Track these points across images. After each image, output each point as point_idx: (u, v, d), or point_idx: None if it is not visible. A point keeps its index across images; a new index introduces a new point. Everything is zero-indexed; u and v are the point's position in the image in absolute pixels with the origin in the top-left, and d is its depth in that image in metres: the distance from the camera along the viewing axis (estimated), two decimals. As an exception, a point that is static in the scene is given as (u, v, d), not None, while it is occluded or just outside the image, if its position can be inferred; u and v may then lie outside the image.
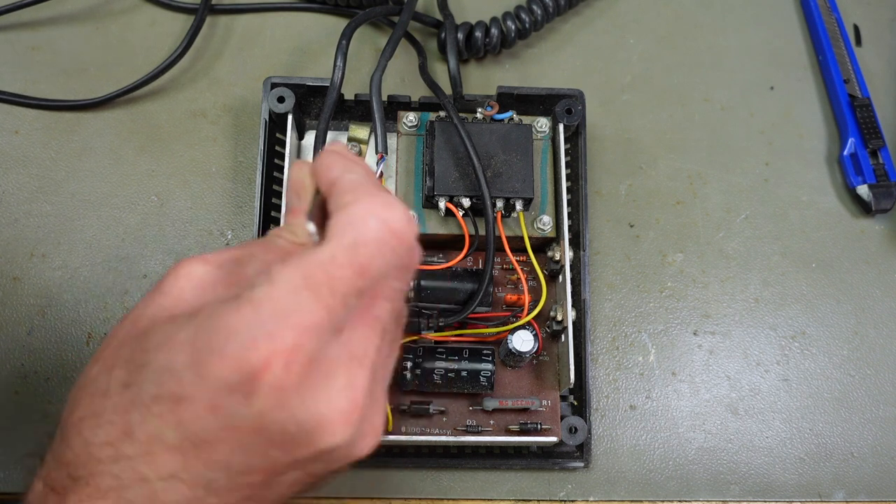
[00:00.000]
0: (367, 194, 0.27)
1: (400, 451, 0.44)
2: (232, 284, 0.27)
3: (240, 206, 0.49)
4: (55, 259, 0.47)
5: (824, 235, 0.52)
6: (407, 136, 0.46)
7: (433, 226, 0.45)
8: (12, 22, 0.52)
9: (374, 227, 0.26)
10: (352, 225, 0.26)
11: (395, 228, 0.26)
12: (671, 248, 0.51)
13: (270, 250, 0.28)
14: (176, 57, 0.50)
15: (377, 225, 0.26)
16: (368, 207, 0.26)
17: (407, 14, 0.49)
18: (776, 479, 0.47)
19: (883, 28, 0.58)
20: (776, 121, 0.54)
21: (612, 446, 0.47)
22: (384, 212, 0.26)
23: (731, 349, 0.49)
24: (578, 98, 0.48)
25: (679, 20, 0.57)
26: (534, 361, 0.45)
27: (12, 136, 0.50)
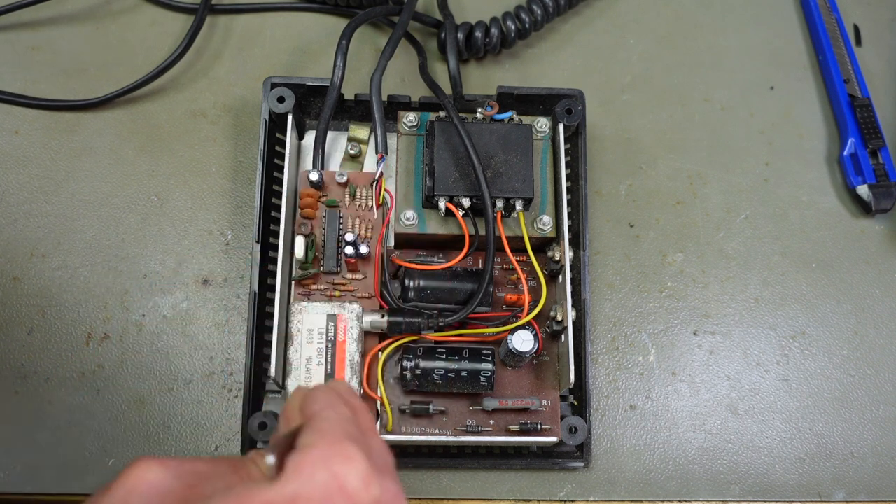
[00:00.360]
0: (330, 442, 0.25)
1: (400, 451, 0.44)
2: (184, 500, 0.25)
3: (240, 206, 0.49)
4: (55, 259, 0.47)
5: (824, 235, 0.52)
6: (407, 136, 0.46)
7: (433, 226, 0.45)
8: (12, 22, 0.52)
9: (321, 482, 0.24)
10: (298, 473, 0.24)
11: (347, 486, 0.24)
12: (671, 248, 0.51)
13: (237, 474, 0.27)
14: (176, 57, 0.50)
15: (325, 479, 0.24)
16: (323, 456, 0.24)
17: (407, 14, 0.49)
18: (776, 479, 0.47)
19: (883, 28, 0.58)
20: (776, 121, 0.54)
21: (612, 446, 0.47)
22: (340, 465, 0.24)
23: (731, 349, 0.49)
24: (578, 98, 0.48)
25: (679, 20, 0.57)
26: (534, 361, 0.45)
27: (12, 136, 0.50)
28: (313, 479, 0.24)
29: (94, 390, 0.45)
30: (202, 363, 0.46)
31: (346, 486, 0.24)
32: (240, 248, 0.48)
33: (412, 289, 0.44)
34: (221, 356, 0.46)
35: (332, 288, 0.44)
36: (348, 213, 0.45)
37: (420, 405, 0.43)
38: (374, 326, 0.42)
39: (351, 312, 0.42)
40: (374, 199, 0.45)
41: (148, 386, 0.45)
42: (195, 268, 0.48)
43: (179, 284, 0.48)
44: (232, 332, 0.47)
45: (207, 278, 0.48)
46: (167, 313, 0.47)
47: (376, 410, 0.42)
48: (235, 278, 0.48)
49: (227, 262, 0.48)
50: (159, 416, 0.45)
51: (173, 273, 0.48)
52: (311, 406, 0.28)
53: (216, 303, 0.47)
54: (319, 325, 0.41)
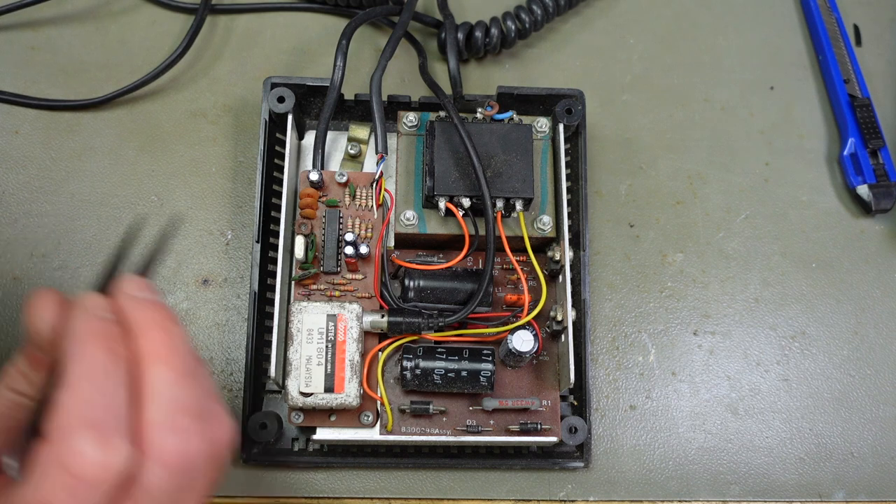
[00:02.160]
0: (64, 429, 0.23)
1: (400, 451, 0.44)
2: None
3: (240, 206, 0.49)
4: (55, 259, 0.47)
5: (824, 235, 0.52)
6: (407, 136, 0.46)
7: (433, 226, 0.45)
8: (12, 22, 0.52)
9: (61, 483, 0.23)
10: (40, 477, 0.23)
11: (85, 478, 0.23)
12: (671, 248, 0.51)
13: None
14: (176, 57, 0.50)
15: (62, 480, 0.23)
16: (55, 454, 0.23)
17: (407, 14, 0.49)
18: (776, 479, 0.47)
19: (883, 28, 0.58)
20: (776, 121, 0.54)
21: (612, 446, 0.47)
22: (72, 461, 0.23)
23: (731, 349, 0.49)
24: (578, 98, 0.48)
25: (679, 20, 0.57)
26: (534, 361, 0.45)
27: (12, 136, 0.50)
28: (52, 483, 0.23)
29: (94, 390, 0.45)
30: (202, 363, 0.46)
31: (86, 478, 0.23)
32: (240, 248, 0.48)
33: (412, 289, 0.44)
34: (221, 356, 0.46)
35: (332, 288, 0.44)
36: (348, 213, 0.45)
37: (420, 405, 0.43)
38: (374, 326, 0.42)
39: (351, 312, 0.42)
40: (374, 199, 0.45)
41: (148, 386, 0.45)
42: (195, 268, 0.48)
43: (179, 284, 0.48)
44: (232, 332, 0.47)
45: (207, 278, 0.48)
46: (167, 313, 0.47)
47: (376, 410, 0.42)
48: (235, 278, 0.48)
49: (227, 262, 0.48)
50: (159, 416, 0.45)
51: (173, 273, 0.48)
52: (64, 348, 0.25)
53: (216, 303, 0.47)
54: (319, 325, 0.41)
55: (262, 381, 0.45)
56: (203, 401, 0.26)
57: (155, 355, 0.25)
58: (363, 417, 0.42)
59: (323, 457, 0.44)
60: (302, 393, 0.40)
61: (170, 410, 0.25)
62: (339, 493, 0.45)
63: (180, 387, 0.25)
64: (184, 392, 0.25)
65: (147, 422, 0.24)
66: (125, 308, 0.26)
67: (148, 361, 0.25)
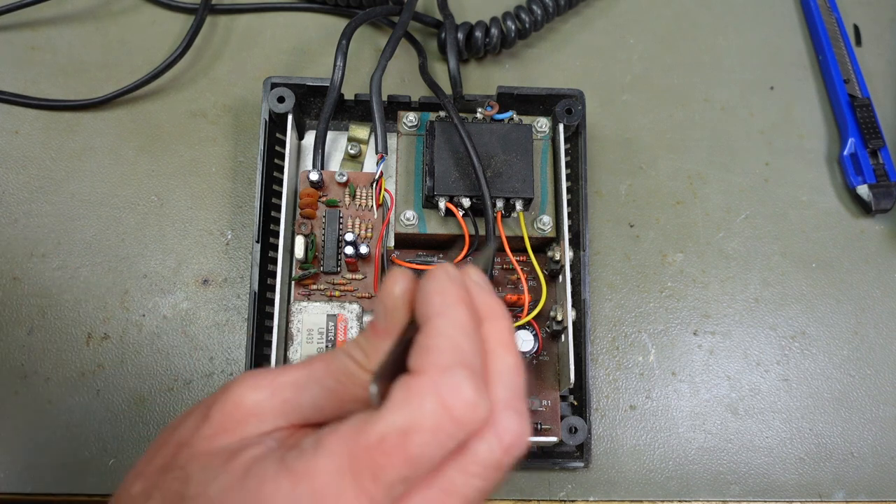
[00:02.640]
0: (440, 367, 0.24)
1: (400, 451, 0.44)
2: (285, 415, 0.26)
3: (240, 206, 0.49)
4: (55, 259, 0.47)
5: (824, 235, 0.52)
6: (407, 136, 0.46)
7: (433, 226, 0.45)
8: (12, 22, 0.52)
9: (431, 412, 0.23)
10: (409, 403, 0.23)
11: (456, 413, 0.23)
12: (671, 248, 0.51)
13: (333, 375, 0.26)
14: (176, 57, 0.50)
15: (434, 409, 0.23)
16: (433, 387, 0.23)
17: (407, 14, 0.49)
18: (776, 479, 0.47)
19: (883, 28, 0.58)
20: (776, 121, 0.54)
21: (612, 446, 0.47)
22: (448, 394, 0.23)
23: (731, 349, 0.49)
24: (578, 98, 0.48)
25: (679, 20, 0.57)
26: (534, 361, 0.45)
27: (12, 136, 0.50)
28: (424, 410, 0.23)
29: (94, 390, 0.45)
30: (202, 363, 0.46)
31: (455, 415, 0.23)
32: (240, 248, 0.48)
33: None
34: (221, 356, 0.46)
35: (332, 288, 0.44)
36: (348, 213, 0.45)
37: (420, 405, 0.42)
38: (374, 326, 0.42)
39: (351, 312, 0.42)
40: (374, 199, 0.45)
41: (148, 386, 0.45)
42: (195, 268, 0.48)
43: (179, 284, 0.48)
44: (232, 332, 0.47)
45: (207, 278, 0.48)
46: (167, 313, 0.47)
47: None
48: (235, 278, 0.48)
49: (227, 262, 0.48)
50: (159, 416, 0.45)
51: (173, 273, 0.48)
52: (425, 306, 0.25)
53: (216, 303, 0.47)
54: (319, 325, 0.41)
55: (262, 381, 0.45)
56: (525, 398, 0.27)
57: (504, 342, 0.26)
58: (363, 417, 0.42)
59: (323, 457, 0.44)
60: (302, 393, 0.40)
61: (513, 394, 0.26)
62: (339, 493, 0.45)
63: (520, 377, 0.26)
64: (521, 382, 0.26)
65: (494, 397, 0.25)
66: (473, 292, 0.27)
67: (496, 344, 0.26)
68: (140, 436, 0.44)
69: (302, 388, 0.26)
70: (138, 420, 0.45)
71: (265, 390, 0.26)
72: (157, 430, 0.45)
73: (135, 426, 0.45)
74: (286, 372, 0.27)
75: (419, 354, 0.24)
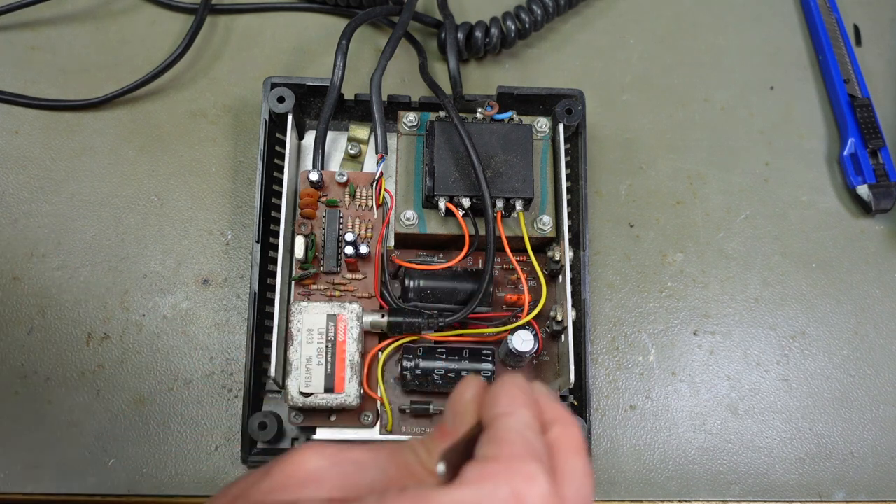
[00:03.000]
0: (514, 456, 0.24)
1: (400, 451, 0.44)
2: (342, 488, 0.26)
3: (240, 206, 0.49)
4: (55, 259, 0.47)
5: (824, 235, 0.52)
6: (407, 136, 0.46)
7: (433, 226, 0.45)
8: (12, 22, 0.52)
9: (503, 497, 0.23)
10: (482, 484, 0.23)
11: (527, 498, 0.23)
12: (671, 248, 0.51)
13: (395, 464, 0.27)
14: (176, 57, 0.50)
15: (506, 495, 0.23)
16: (507, 473, 0.24)
17: (407, 14, 0.49)
18: (776, 479, 0.47)
19: (883, 28, 0.58)
20: (776, 121, 0.54)
21: (612, 446, 0.47)
22: (522, 484, 0.23)
23: (731, 349, 0.49)
24: (578, 98, 0.48)
25: (679, 20, 0.57)
26: (534, 361, 0.45)
27: (12, 136, 0.50)
28: (494, 493, 0.23)
29: (94, 390, 0.45)
30: (202, 363, 0.46)
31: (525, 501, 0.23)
32: (240, 248, 0.48)
33: (412, 289, 0.44)
34: (221, 356, 0.46)
35: (332, 288, 0.44)
36: (348, 213, 0.45)
37: (420, 405, 0.43)
38: (374, 326, 0.42)
39: (351, 312, 0.42)
40: (374, 199, 0.45)
41: (148, 386, 0.45)
42: (195, 268, 0.48)
43: (179, 284, 0.48)
44: (232, 332, 0.47)
45: (207, 278, 0.48)
46: (167, 313, 0.47)
47: (376, 410, 0.42)
48: (235, 278, 0.48)
49: (227, 262, 0.48)
50: (159, 416, 0.45)
51: (173, 273, 0.48)
52: (492, 408, 0.26)
53: (216, 303, 0.47)
54: (319, 325, 0.41)
55: (262, 381, 0.45)
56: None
57: (574, 447, 0.27)
58: (363, 417, 0.42)
59: (323, 457, 0.44)
60: (302, 393, 0.40)
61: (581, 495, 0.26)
62: (339, 493, 0.45)
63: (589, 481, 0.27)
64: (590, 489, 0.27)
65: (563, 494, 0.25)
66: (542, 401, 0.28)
67: (567, 447, 0.27)
68: (140, 436, 0.44)
69: (364, 467, 0.27)
70: (138, 420, 0.45)
71: (329, 460, 0.27)
72: (156, 430, 0.45)
73: (135, 426, 0.45)
74: (352, 449, 0.27)
75: (490, 444, 0.25)
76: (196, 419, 0.45)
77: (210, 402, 0.46)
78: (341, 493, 0.26)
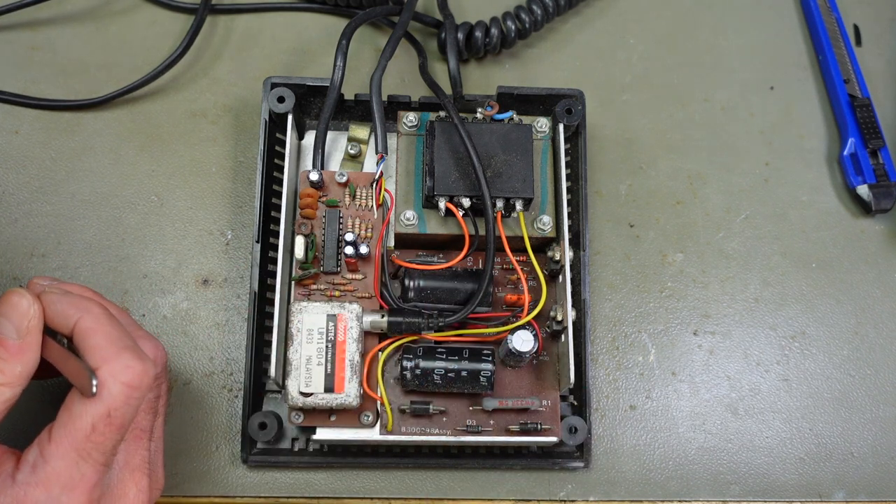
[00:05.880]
0: (107, 358, 0.32)
1: (400, 451, 0.44)
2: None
3: (240, 206, 0.49)
4: (55, 259, 0.47)
5: (824, 235, 0.52)
6: (407, 136, 0.46)
7: (433, 226, 0.45)
8: (12, 22, 0.52)
9: (119, 392, 0.32)
10: (98, 395, 0.32)
11: (136, 384, 0.32)
12: (671, 248, 0.51)
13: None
14: (176, 57, 0.50)
15: (120, 389, 0.32)
16: (111, 372, 0.32)
17: (407, 14, 0.49)
18: (776, 479, 0.47)
19: (883, 28, 0.58)
20: (776, 121, 0.54)
21: (612, 446, 0.47)
22: (123, 374, 0.32)
23: (731, 349, 0.49)
24: (578, 98, 0.48)
25: (679, 20, 0.57)
26: (534, 361, 0.45)
27: (12, 136, 0.50)
28: (113, 394, 0.32)
29: (94, 390, 0.45)
30: (202, 363, 0.46)
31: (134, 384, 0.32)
32: (240, 248, 0.48)
33: (412, 289, 0.44)
34: (221, 356, 0.46)
35: (332, 288, 0.44)
36: (348, 213, 0.45)
37: (420, 405, 0.43)
38: (374, 326, 0.42)
39: (351, 312, 0.42)
40: (374, 199, 0.45)
41: (148, 386, 0.45)
42: (195, 268, 0.48)
43: (179, 284, 0.48)
44: (232, 332, 0.47)
45: (207, 278, 0.48)
46: (167, 313, 0.47)
47: (376, 410, 0.42)
48: (235, 278, 0.48)
49: (227, 262, 0.48)
50: (159, 416, 0.45)
51: (173, 273, 0.48)
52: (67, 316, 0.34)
53: (216, 303, 0.47)
54: (319, 325, 0.41)
55: (262, 381, 0.45)
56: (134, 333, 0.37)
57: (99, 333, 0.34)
58: (363, 417, 0.42)
59: (323, 457, 0.44)
60: (302, 393, 0.40)
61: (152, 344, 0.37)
62: (339, 493, 0.45)
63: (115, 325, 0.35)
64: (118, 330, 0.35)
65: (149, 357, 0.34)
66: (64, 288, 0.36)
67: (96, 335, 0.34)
68: (140, 436, 0.44)
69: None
70: (138, 420, 0.45)
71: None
72: (157, 430, 0.45)
73: (135, 426, 0.45)
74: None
75: (88, 356, 0.33)
76: (196, 419, 0.45)
77: (210, 402, 0.46)
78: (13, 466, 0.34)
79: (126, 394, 0.32)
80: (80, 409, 0.32)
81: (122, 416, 0.32)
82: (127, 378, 0.32)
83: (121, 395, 0.32)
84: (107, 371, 0.32)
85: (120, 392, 0.32)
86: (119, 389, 0.32)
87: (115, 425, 0.32)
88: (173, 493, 0.44)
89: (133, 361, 0.32)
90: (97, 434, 0.32)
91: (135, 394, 0.32)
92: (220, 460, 0.45)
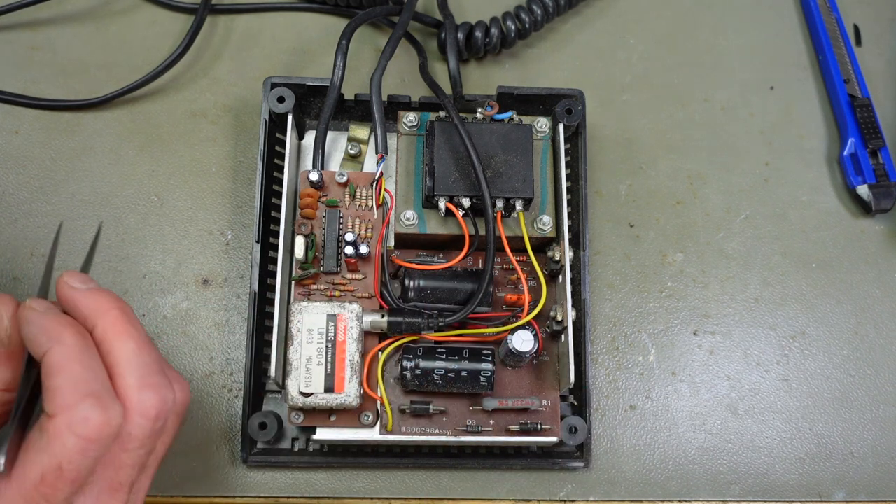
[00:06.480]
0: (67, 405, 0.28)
1: (400, 451, 0.44)
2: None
3: (240, 206, 0.49)
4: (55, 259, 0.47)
5: (824, 235, 0.52)
6: (407, 136, 0.46)
7: (433, 226, 0.45)
8: (12, 22, 0.52)
9: (73, 446, 0.28)
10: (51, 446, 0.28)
11: (93, 438, 0.28)
12: (671, 248, 0.51)
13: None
14: (176, 57, 0.50)
15: (75, 443, 0.28)
16: (67, 423, 0.28)
17: (407, 14, 0.49)
18: (776, 479, 0.47)
19: (883, 28, 0.58)
20: (776, 121, 0.54)
21: (612, 446, 0.47)
22: (80, 426, 0.28)
23: (731, 349, 0.49)
24: (578, 98, 0.48)
25: (679, 20, 0.57)
26: (534, 361, 0.45)
27: (12, 136, 0.50)
28: (66, 447, 0.28)
29: (94, 390, 0.45)
30: (202, 363, 0.46)
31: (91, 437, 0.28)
32: (240, 248, 0.48)
33: (412, 289, 0.44)
34: (221, 356, 0.46)
35: (332, 288, 0.44)
36: (348, 213, 0.45)
37: (420, 405, 0.43)
38: (374, 326, 0.42)
39: (351, 312, 0.42)
40: (374, 199, 0.45)
41: (148, 386, 0.45)
42: (195, 268, 0.48)
43: (179, 284, 0.48)
44: (232, 332, 0.47)
45: (207, 278, 0.48)
46: (167, 313, 0.47)
47: (376, 410, 0.42)
48: (235, 278, 0.48)
49: (227, 262, 0.48)
50: (159, 416, 0.45)
51: (173, 273, 0.48)
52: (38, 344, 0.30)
53: (216, 303, 0.47)
54: (319, 325, 0.41)
55: (262, 381, 0.45)
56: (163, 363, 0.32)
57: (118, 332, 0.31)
58: (363, 417, 0.42)
59: (323, 457, 0.44)
60: (302, 393, 0.40)
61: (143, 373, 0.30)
62: (339, 493, 0.45)
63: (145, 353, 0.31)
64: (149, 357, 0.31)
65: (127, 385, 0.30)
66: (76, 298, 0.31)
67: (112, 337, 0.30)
68: (140, 436, 0.44)
69: None
70: (138, 420, 0.45)
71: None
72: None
73: (135, 426, 0.45)
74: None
75: (48, 399, 0.29)
76: (196, 419, 0.45)
77: (210, 402, 0.46)
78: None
79: (81, 447, 0.28)
80: (33, 456, 0.29)
81: (75, 471, 0.29)
82: (83, 431, 0.28)
83: (75, 449, 0.28)
84: (62, 421, 0.28)
85: (74, 445, 0.28)
86: (73, 443, 0.28)
87: (66, 479, 0.29)
88: (173, 493, 0.44)
89: (93, 412, 0.28)
90: (45, 486, 0.29)
91: (91, 447, 0.29)
92: (220, 460, 0.45)
